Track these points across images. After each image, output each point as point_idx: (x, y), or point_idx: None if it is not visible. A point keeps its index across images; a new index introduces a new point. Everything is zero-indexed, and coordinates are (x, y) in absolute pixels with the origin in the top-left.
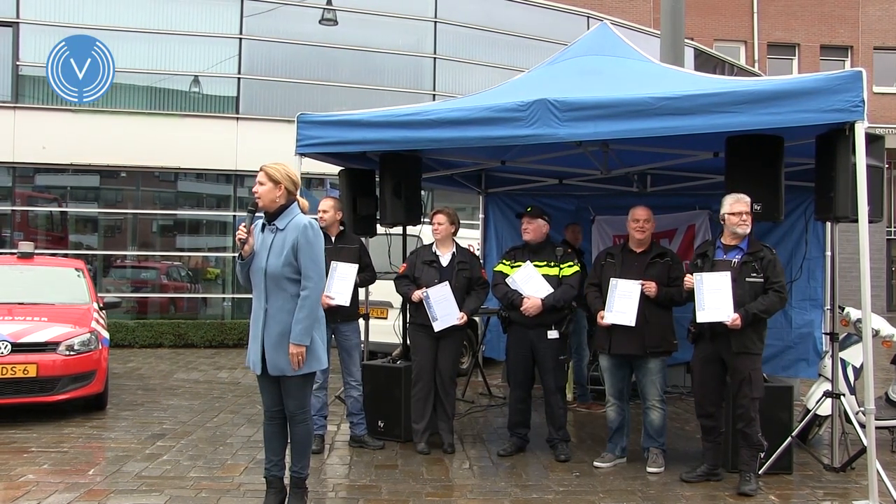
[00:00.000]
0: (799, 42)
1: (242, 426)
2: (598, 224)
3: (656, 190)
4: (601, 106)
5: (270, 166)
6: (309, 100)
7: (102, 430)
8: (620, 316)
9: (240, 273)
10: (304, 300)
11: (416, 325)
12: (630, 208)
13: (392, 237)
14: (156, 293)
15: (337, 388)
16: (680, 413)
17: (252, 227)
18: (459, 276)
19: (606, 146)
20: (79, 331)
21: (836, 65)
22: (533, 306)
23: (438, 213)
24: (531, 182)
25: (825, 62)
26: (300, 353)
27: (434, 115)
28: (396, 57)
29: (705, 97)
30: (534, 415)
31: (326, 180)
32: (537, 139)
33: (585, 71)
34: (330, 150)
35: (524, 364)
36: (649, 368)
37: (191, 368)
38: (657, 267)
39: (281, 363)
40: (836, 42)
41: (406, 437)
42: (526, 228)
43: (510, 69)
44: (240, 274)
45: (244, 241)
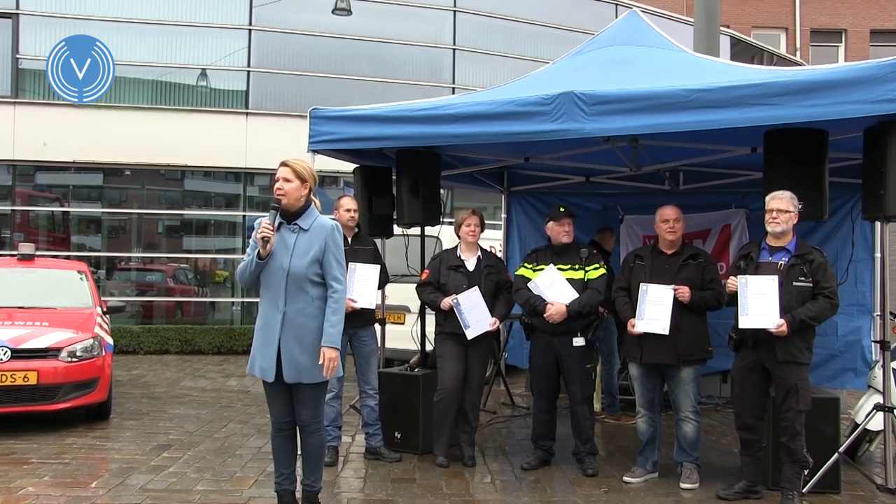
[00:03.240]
0: (846, 27)
1: (252, 437)
2: (626, 224)
3: (689, 188)
4: (630, 99)
5: (297, 162)
6: (322, 94)
7: (106, 440)
8: (653, 324)
9: (248, 274)
10: (337, 302)
11: (445, 334)
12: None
13: (409, 238)
14: (162, 297)
15: (351, 396)
16: (715, 425)
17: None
18: (488, 281)
19: (636, 141)
20: (81, 336)
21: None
22: (557, 313)
23: (473, 214)
24: (556, 180)
25: (876, 48)
26: (336, 357)
27: (453, 109)
28: (414, 48)
29: (742, 89)
30: (559, 426)
31: (340, 178)
32: (562, 134)
33: (614, 62)
34: (344, 146)
35: (548, 372)
36: (682, 378)
37: (198, 376)
38: (690, 269)
39: (300, 370)
40: (888, 26)
41: (424, 450)
42: (567, 230)
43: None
44: (248, 275)
45: (267, 240)
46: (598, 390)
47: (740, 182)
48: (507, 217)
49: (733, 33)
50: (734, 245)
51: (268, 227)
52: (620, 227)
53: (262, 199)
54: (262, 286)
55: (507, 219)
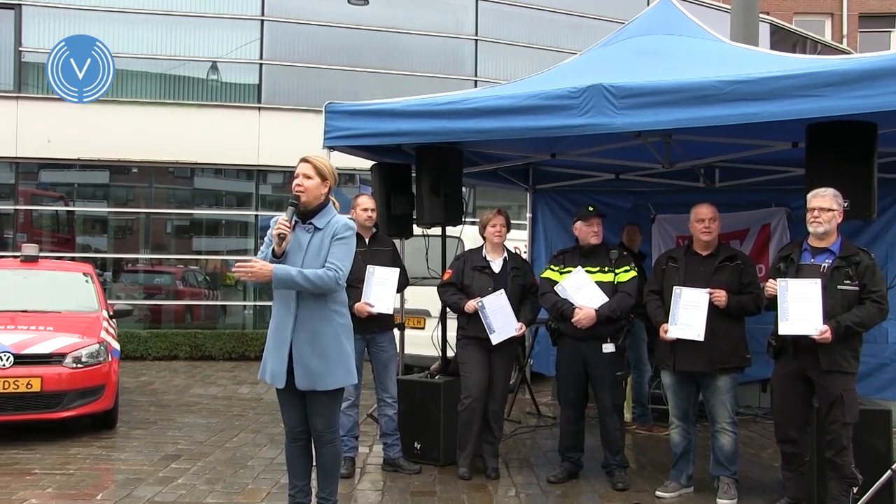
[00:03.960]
0: None
1: (265, 447)
2: (658, 224)
3: (726, 185)
4: (663, 91)
5: (318, 159)
6: (338, 87)
7: (112, 450)
8: (686, 329)
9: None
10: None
11: (468, 338)
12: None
13: (430, 239)
14: (170, 300)
15: (369, 405)
16: (754, 437)
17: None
18: (514, 284)
19: (669, 137)
20: (87, 341)
21: None
22: (585, 317)
23: (499, 214)
24: (584, 177)
25: None
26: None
27: (476, 103)
28: (434, 39)
29: (783, 79)
30: (588, 437)
31: (357, 176)
32: (591, 129)
33: (645, 52)
34: (361, 142)
35: (576, 380)
36: (718, 387)
37: (208, 383)
38: (726, 272)
39: (313, 376)
40: None
41: (445, 461)
42: (597, 231)
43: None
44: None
45: (283, 237)
46: (629, 399)
47: (780, 179)
48: (532, 217)
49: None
50: (774, 246)
51: (285, 224)
52: (652, 227)
53: (275, 197)
54: (275, 287)
55: (533, 218)
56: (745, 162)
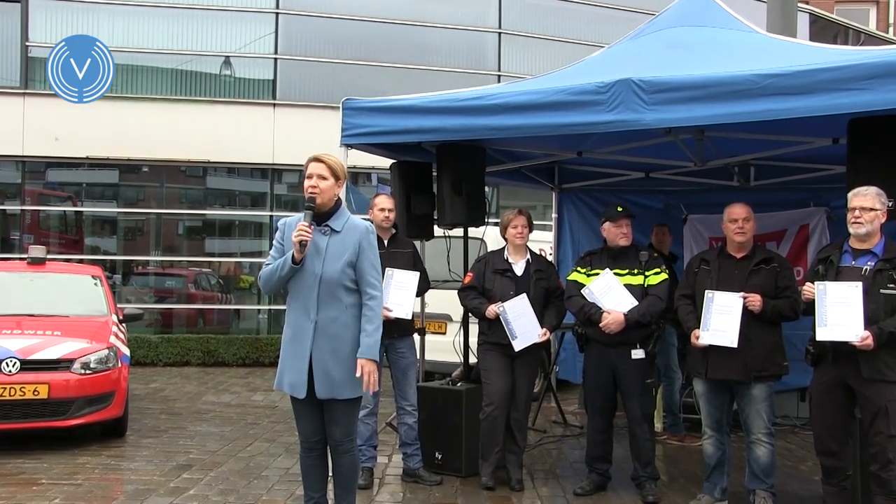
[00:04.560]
0: None
1: (280, 457)
2: (690, 224)
3: (762, 184)
4: (695, 86)
5: (331, 158)
6: (356, 83)
7: (121, 459)
8: (719, 335)
9: (277, 280)
10: (373, 310)
11: (490, 344)
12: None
13: (451, 240)
14: (182, 304)
15: (388, 413)
16: (793, 449)
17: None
18: (537, 287)
19: (701, 133)
20: (96, 346)
21: None
22: (614, 322)
23: (520, 214)
24: (612, 176)
25: None
26: (374, 370)
27: (499, 99)
28: (455, 32)
29: (823, 72)
30: (616, 447)
31: (374, 175)
32: (619, 126)
33: (676, 45)
34: (380, 140)
35: (604, 388)
36: (753, 395)
37: (221, 390)
38: (762, 275)
39: (333, 384)
40: None
41: (468, 472)
42: (625, 233)
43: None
44: (276, 281)
45: (305, 244)
46: (660, 408)
47: (820, 177)
48: (558, 217)
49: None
50: (812, 248)
51: (306, 230)
52: (684, 228)
53: (291, 197)
54: (291, 294)
55: (559, 219)
56: (781, 159)
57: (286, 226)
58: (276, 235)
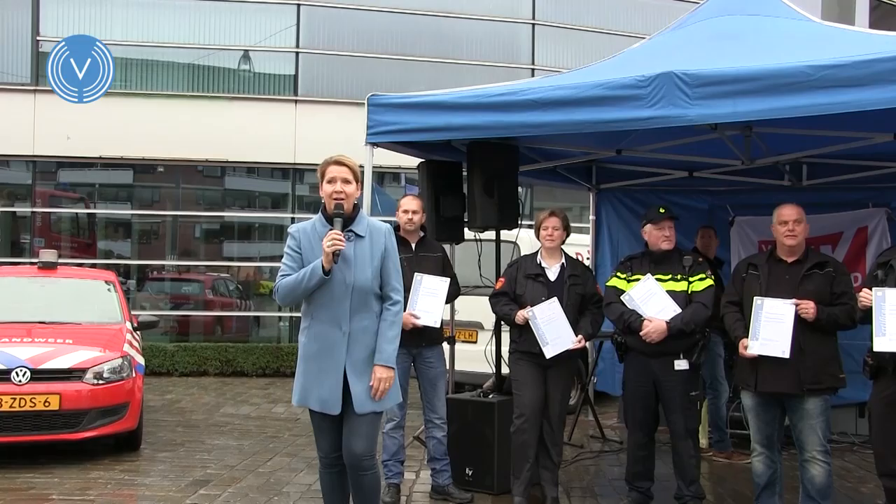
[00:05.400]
0: None
1: (301, 472)
2: (738, 226)
3: (815, 183)
4: (743, 79)
5: (351, 160)
6: (382, 78)
7: (135, 474)
8: (769, 345)
9: (302, 291)
10: (396, 315)
11: (520, 353)
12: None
13: (483, 244)
14: (199, 311)
15: (416, 426)
16: (851, 469)
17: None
18: (571, 293)
19: (749, 129)
20: (109, 355)
21: None
22: (656, 330)
23: (552, 215)
24: (653, 175)
25: None
26: (390, 378)
27: (533, 94)
28: (486, 24)
29: (883, 62)
30: (658, 464)
31: (402, 175)
32: (661, 122)
33: (723, 35)
34: (407, 138)
35: (645, 401)
36: (807, 410)
37: (240, 401)
38: (815, 280)
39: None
40: None
41: (500, 489)
42: (668, 236)
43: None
44: (301, 292)
45: (339, 254)
46: (705, 423)
47: (879, 175)
48: (595, 219)
49: None
50: (872, 251)
51: (340, 239)
52: (731, 230)
53: (313, 198)
54: (315, 305)
55: (597, 221)
56: (837, 157)
57: (300, 232)
58: (290, 243)
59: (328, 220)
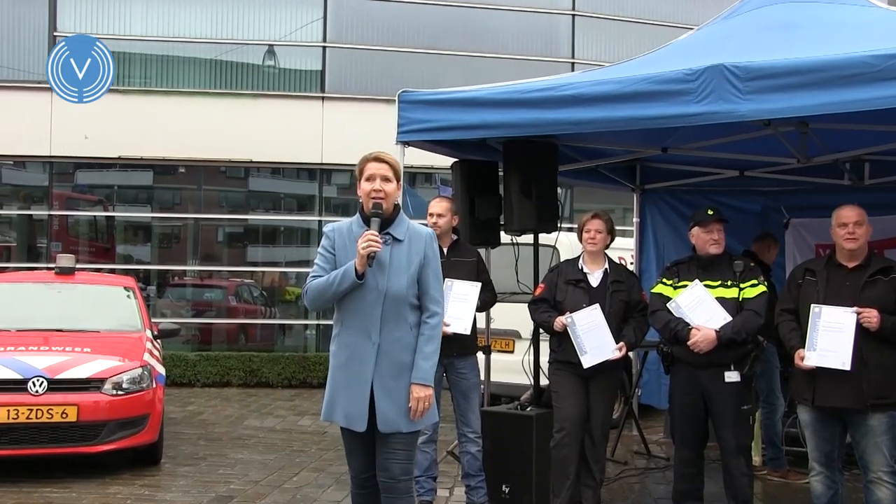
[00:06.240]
0: None
1: (329, 488)
2: (793, 230)
3: (877, 182)
4: (799, 71)
5: (392, 157)
6: (413, 73)
7: (156, 489)
8: (828, 356)
9: (332, 295)
10: (434, 329)
11: (560, 363)
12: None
13: (520, 248)
14: (222, 318)
15: (449, 441)
16: None
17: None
18: (614, 300)
19: (806, 125)
20: (128, 365)
21: None
22: (704, 340)
23: (595, 218)
24: (702, 175)
25: None
26: (429, 398)
27: (573, 89)
28: (524, 16)
29: None
30: (708, 482)
31: (436, 175)
32: (711, 118)
33: (776, 25)
34: (440, 136)
35: (694, 415)
36: (871, 427)
37: (265, 413)
38: (879, 287)
39: (399, 414)
40: None
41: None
42: (717, 239)
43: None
44: (331, 296)
45: (374, 257)
46: (758, 439)
47: None
48: (640, 221)
49: None
50: None
51: (376, 240)
52: (786, 233)
53: (341, 200)
54: (345, 311)
55: (641, 223)
56: None
57: (336, 232)
58: (324, 243)
59: (365, 220)
